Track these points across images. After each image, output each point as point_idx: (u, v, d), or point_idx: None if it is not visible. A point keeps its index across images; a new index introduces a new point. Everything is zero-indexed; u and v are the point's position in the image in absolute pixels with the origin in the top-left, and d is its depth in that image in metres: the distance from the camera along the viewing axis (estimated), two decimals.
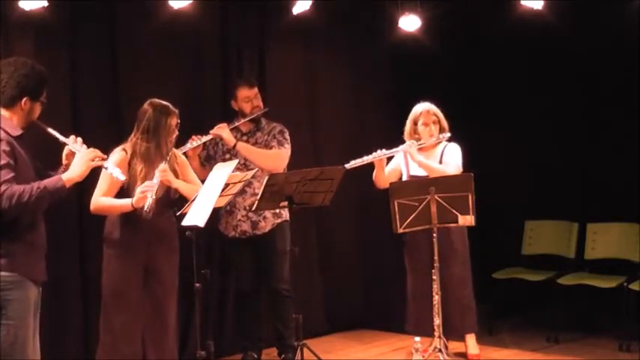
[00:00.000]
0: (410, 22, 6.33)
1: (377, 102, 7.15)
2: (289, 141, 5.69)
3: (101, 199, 4.63)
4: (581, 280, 6.22)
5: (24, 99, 3.76)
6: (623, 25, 6.16)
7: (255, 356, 5.79)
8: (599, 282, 6.12)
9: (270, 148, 5.63)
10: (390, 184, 5.32)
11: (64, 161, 4.06)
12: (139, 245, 4.72)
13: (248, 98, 5.63)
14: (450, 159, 5.62)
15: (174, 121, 4.79)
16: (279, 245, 5.63)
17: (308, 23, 6.41)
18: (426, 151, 5.69)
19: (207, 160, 5.61)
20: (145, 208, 4.43)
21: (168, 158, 4.72)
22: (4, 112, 3.75)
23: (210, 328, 5.87)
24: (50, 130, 3.94)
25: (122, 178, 4.23)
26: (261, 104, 5.68)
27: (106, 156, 4.11)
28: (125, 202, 4.56)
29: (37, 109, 3.85)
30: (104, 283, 4.77)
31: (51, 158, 4.15)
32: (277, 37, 6.50)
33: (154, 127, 4.73)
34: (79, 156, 3.84)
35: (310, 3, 6.13)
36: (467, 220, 5.18)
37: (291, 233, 5.72)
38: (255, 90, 5.68)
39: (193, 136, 5.37)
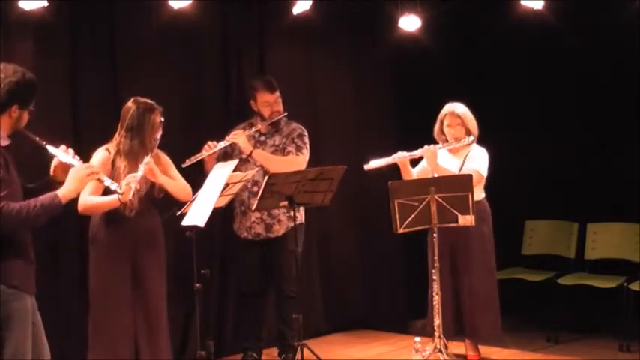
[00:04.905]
0: (410, 22, 6.32)
1: (377, 102, 7.14)
2: (308, 145, 5.65)
3: (89, 199, 4.59)
4: (581, 280, 6.22)
5: (13, 106, 3.64)
6: (623, 25, 6.15)
7: (255, 356, 5.79)
8: (599, 282, 6.13)
9: (287, 153, 5.60)
10: (390, 183, 5.32)
11: (52, 172, 3.88)
12: (124, 245, 4.73)
13: (267, 103, 5.58)
14: (471, 164, 5.61)
15: (158, 118, 4.78)
16: (290, 247, 5.50)
17: (308, 23, 6.41)
18: (454, 152, 5.70)
19: (224, 158, 5.50)
20: (130, 198, 4.37)
21: (152, 154, 4.70)
22: None
23: (211, 328, 5.87)
24: (39, 140, 3.77)
25: (120, 191, 4.21)
26: (280, 109, 5.61)
27: (100, 171, 4.01)
28: (112, 198, 4.50)
29: (25, 118, 3.71)
30: (92, 285, 4.79)
31: (30, 167, 4.01)
32: (277, 37, 6.50)
33: (138, 124, 4.73)
34: (74, 171, 3.72)
35: (310, 3, 6.13)
36: (467, 220, 5.18)
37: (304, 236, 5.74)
38: (277, 94, 5.61)
39: (209, 143, 5.35)
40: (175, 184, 4.86)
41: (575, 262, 6.53)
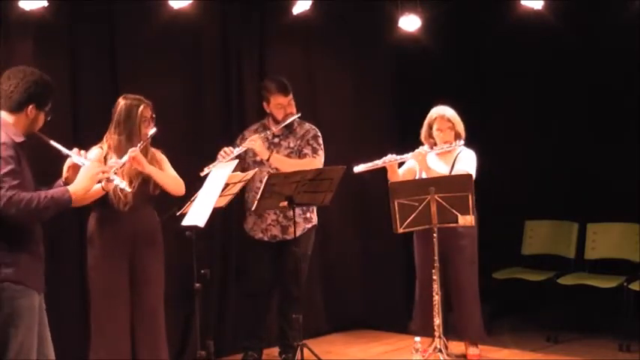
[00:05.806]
0: (410, 22, 6.32)
1: (377, 102, 7.14)
2: (322, 145, 5.66)
3: None
4: (581, 280, 6.22)
5: (30, 106, 3.70)
6: (624, 25, 6.16)
7: (256, 356, 5.79)
8: (599, 282, 6.13)
9: (304, 155, 5.59)
10: (390, 184, 5.32)
11: (65, 174, 3.96)
12: (121, 244, 4.74)
13: (281, 105, 5.57)
14: (461, 166, 5.61)
15: (147, 112, 4.78)
16: (302, 249, 5.52)
17: (308, 23, 6.41)
18: (441, 155, 5.70)
19: (239, 162, 5.43)
20: (115, 184, 4.26)
21: (141, 144, 4.69)
22: (9, 117, 3.69)
23: (211, 328, 5.87)
24: (53, 143, 3.85)
25: (128, 189, 4.24)
26: (294, 110, 5.61)
27: (109, 170, 4.05)
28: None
29: (41, 120, 3.78)
30: (91, 285, 4.80)
31: (41, 169, 4.03)
32: (277, 37, 6.50)
33: (125, 118, 4.76)
34: (85, 169, 3.79)
35: (310, 3, 6.13)
36: (467, 220, 5.19)
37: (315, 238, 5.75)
38: (290, 97, 5.60)
39: (225, 149, 5.33)
40: (164, 174, 4.83)
41: (575, 262, 6.53)
